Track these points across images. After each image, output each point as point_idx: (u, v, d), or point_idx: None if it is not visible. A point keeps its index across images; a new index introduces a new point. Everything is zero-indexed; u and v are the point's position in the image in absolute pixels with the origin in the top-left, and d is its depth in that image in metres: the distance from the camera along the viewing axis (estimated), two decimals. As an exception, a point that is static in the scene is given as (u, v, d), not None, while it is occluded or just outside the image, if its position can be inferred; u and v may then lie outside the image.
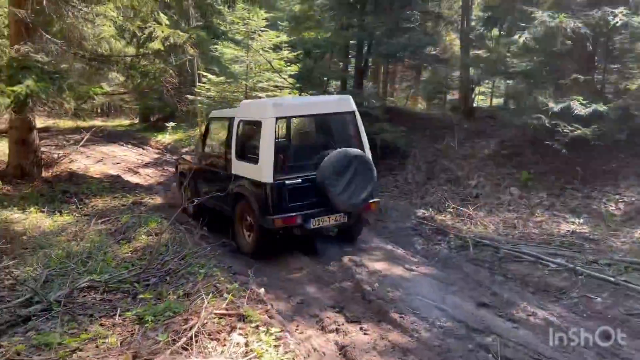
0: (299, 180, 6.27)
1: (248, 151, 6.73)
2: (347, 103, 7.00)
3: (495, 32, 13.98)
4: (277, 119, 6.44)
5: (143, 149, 17.89)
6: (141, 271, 5.09)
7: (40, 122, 18.65)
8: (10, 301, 4.49)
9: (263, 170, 6.18)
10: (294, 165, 6.59)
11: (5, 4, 10.25)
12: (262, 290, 5.21)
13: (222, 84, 15.34)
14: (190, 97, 17.47)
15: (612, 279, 5.59)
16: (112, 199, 8.87)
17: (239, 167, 6.84)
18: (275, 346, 3.73)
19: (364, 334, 4.55)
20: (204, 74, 15.87)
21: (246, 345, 3.68)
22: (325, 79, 13.46)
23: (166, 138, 18.58)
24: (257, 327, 3.98)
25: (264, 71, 15.10)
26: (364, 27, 11.71)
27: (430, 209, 8.71)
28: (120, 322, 4.17)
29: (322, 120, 7.40)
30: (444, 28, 16.88)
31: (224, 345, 3.68)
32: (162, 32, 8.70)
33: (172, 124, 18.91)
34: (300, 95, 14.10)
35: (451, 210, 8.52)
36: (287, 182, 6.19)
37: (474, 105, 14.84)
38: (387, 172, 10.57)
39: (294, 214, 6.18)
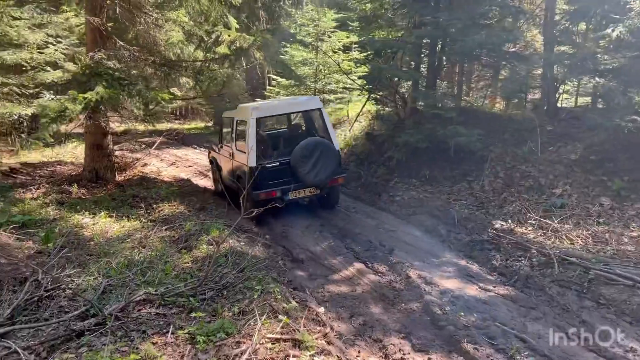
0: (277, 163, 8.12)
1: (242, 143, 8.51)
2: (314, 102, 9.04)
3: (582, 26, 12.84)
4: (257, 119, 8.24)
5: (215, 151, 18.17)
6: (198, 285, 4.92)
7: (119, 125, 19.50)
8: (68, 312, 4.45)
9: (249, 157, 7.89)
10: (274, 153, 8.58)
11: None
12: (321, 309, 4.89)
13: (291, 86, 15.28)
14: (260, 100, 17.60)
15: None
16: (179, 204, 8.89)
17: (238, 155, 8.67)
18: (331, 380, 3.38)
19: (432, 366, 4.09)
20: (274, 77, 15.88)
21: (299, 378, 3.36)
22: (395, 79, 12.92)
23: (237, 141, 18.77)
24: (312, 356, 3.65)
25: (333, 73, 14.87)
26: (437, 24, 11.07)
27: (510, 220, 8.00)
28: (172, 341, 3.99)
29: (295, 116, 9.72)
30: (524, 23, 15.79)
31: (275, 376, 3.38)
32: (229, 36, 8.62)
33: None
34: (368, 96, 13.72)
35: (533, 222, 7.77)
36: (267, 165, 7.99)
37: (558, 105, 13.72)
38: (461, 178, 9.90)
39: (273, 189, 7.98)
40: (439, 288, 5.70)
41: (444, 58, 13.14)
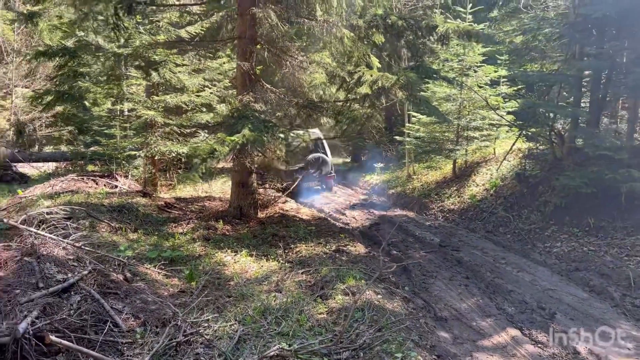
0: (297, 168, 15.02)
1: None
2: (318, 133, 15.45)
3: None
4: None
5: (352, 189, 18.14)
6: (332, 343, 4.56)
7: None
8: (204, 362, 4.36)
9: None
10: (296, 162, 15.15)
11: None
12: (470, 387, 4.23)
13: (431, 124, 14.73)
14: (398, 137, 17.25)
15: None
16: (316, 245, 8.76)
17: None
18: None
19: None
20: (414, 114, 15.46)
21: None
22: (551, 115, 11.73)
23: (374, 178, 18.56)
24: None
25: (478, 109, 14.06)
26: (603, 54, 9.88)
27: None
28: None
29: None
30: None
31: None
32: (371, 76, 8.43)
33: (380, 164, 18.88)
34: (519, 133, 12.68)
35: None
36: (291, 169, 14.76)
37: None
38: (637, 230, 8.44)
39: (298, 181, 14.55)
40: (618, 371, 4.70)
41: (609, 92, 11.67)
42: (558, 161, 11.11)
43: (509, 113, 13.48)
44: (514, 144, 12.69)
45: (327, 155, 16.11)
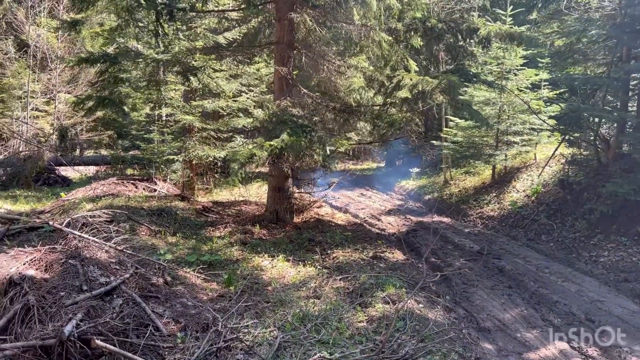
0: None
1: None
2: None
3: None
4: None
5: (387, 194, 17.95)
6: (374, 353, 4.46)
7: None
8: (245, 368, 4.33)
9: None
10: None
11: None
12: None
13: (470, 128, 14.46)
14: (435, 142, 17.01)
15: None
16: (352, 251, 8.66)
17: None
18: None
19: None
20: (452, 118, 15.21)
21: None
22: (595, 119, 11.34)
23: (409, 184, 18.34)
24: None
25: (518, 113, 13.73)
26: (652, 56, 9.50)
27: None
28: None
29: None
30: None
31: None
32: (411, 79, 8.31)
33: (416, 169, 18.65)
34: (562, 138, 12.29)
35: None
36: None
37: None
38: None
39: None
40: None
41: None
42: (603, 167, 10.72)
43: (550, 117, 13.10)
44: (556, 149, 12.31)
45: None
